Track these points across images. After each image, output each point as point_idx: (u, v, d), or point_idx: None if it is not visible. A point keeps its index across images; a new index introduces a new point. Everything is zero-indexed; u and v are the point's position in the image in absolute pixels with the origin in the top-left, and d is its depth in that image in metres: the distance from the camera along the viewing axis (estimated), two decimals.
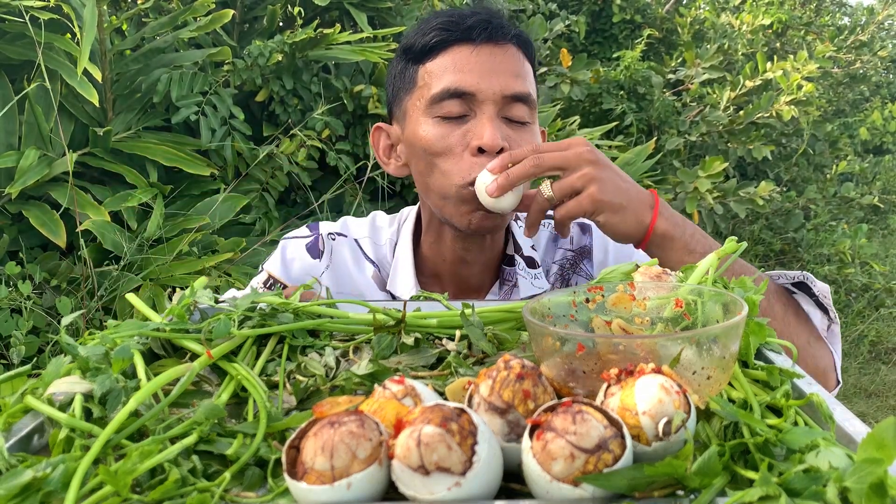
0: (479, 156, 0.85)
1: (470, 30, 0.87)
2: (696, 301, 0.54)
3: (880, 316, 4.01)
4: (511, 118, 0.88)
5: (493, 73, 0.87)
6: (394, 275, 1.00)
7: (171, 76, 2.27)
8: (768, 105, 3.62)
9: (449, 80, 0.87)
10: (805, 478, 0.36)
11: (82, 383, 0.47)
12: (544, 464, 0.36)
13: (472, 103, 0.87)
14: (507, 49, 0.89)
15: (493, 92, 0.86)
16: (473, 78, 0.86)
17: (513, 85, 0.87)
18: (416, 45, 0.91)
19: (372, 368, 0.53)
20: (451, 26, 0.88)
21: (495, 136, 0.84)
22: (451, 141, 0.87)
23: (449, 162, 0.87)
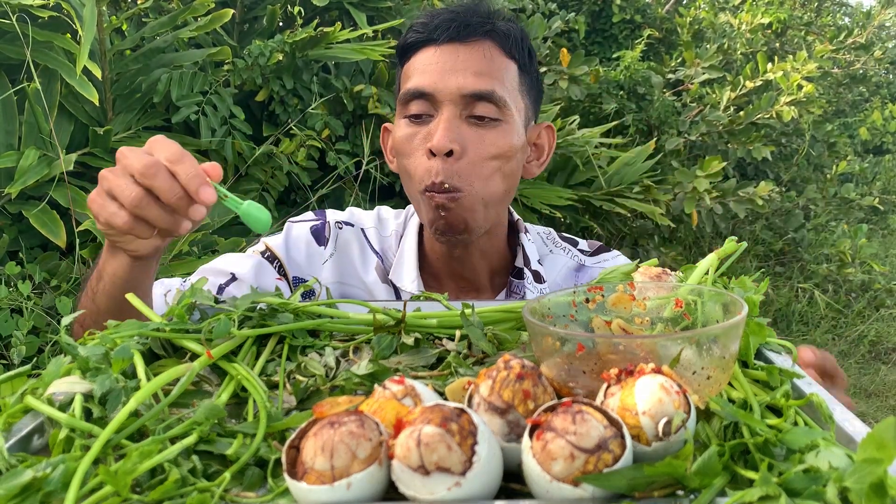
0: (432, 158, 0.86)
1: (434, 29, 0.88)
2: (695, 301, 0.54)
3: (880, 316, 4.01)
4: (477, 116, 0.87)
5: (452, 72, 0.86)
6: (398, 264, 1.00)
7: (171, 76, 2.27)
8: (768, 105, 3.62)
9: (413, 81, 0.88)
10: (805, 478, 0.36)
11: (82, 383, 0.47)
12: (544, 464, 0.36)
13: (434, 103, 0.87)
14: (472, 46, 0.88)
15: (450, 91, 0.86)
16: (432, 78, 0.87)
17: (472, 83, 0.86)
18: (399, 46, 0.93)
19: (372, 368, 0.53)
20: (422, 28, 0.89)
21: (442, 140, 0.84)
22: (414, 143, 0.88)
23: (412, 163, 0.88)
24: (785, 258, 4.44)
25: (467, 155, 0.87)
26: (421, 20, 0.90)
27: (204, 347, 0.54)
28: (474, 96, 0.86)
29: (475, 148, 0.87)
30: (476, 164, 0.87)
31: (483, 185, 0.88)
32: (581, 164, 2.92)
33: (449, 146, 0.84)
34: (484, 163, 0.88)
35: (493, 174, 0.89)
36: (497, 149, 0.88)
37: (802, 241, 4.34)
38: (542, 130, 1.00)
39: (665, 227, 3.28)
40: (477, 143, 0.87)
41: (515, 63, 0.92)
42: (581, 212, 3.03)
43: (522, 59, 0.93)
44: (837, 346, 3.76)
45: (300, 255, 1.00)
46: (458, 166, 0.86)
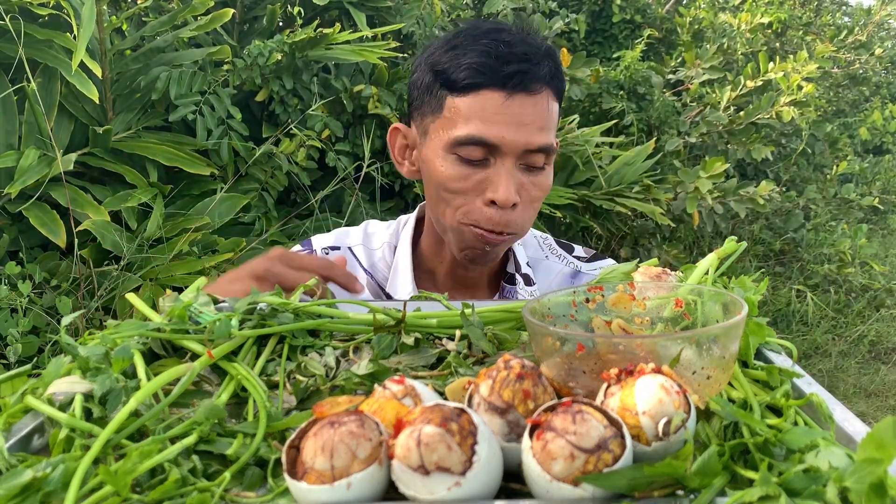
0: (490, 206, 0.87)
1: (506, 78, 0.84)
2: (695, 301, 0.54)
3: (880, 316, 4.01)
4: (530, 165, 0.89)
5: (521, 126, 0.85)
6: (394, 276, 1.01)
7: (171, 75, 2.27)
8: (768, 106, 3.62)
9: (475, 127, 0.85)
10: (805, 478, 0.36)
11: (82, 383, 0.47)
12: (544, 464, 0.36)
13: (495, 153, 0.86)
14: (538, 99, 0.86)
15: (517, 146, 0.85)
16: (500, 130, 0.84)
17: (537, 139, 0.86)
18: (448, 73, 0.86)
19: (372, 368, 0.53)
20: (487, 70, 0.84)
21: (509, 193, 0.85)
22: (467, 185, 0.87)
23: (460, 201, 0.88)
24: (785, 258, 4.44)
25: (522, 202, 0.89)
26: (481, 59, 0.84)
27: (204, 347, 0.54)
28: (536, 150, 0.87)
29: (528, 193, 0.90)
30: (527, 208, 0.91)
31: (530, 222, 0.93)
32: (581, 164, 2.92)
33: (514, 201, 0.86)
34: (532, 205, 0.92)
35: (536, 212, 0.94)
36: (542, 192, 0.92)
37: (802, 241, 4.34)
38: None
39: (665, 227, 3.28)
40: (530, 188, 0.90)
41: (559, 103, 0.92)
42: (581, 211, 3.03)
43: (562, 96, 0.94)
44: (837, 346, 3.76)
45: None
46: (515, 214, 0.89)
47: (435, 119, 0.90)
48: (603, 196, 2.93)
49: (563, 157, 2.97)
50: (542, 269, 1.05)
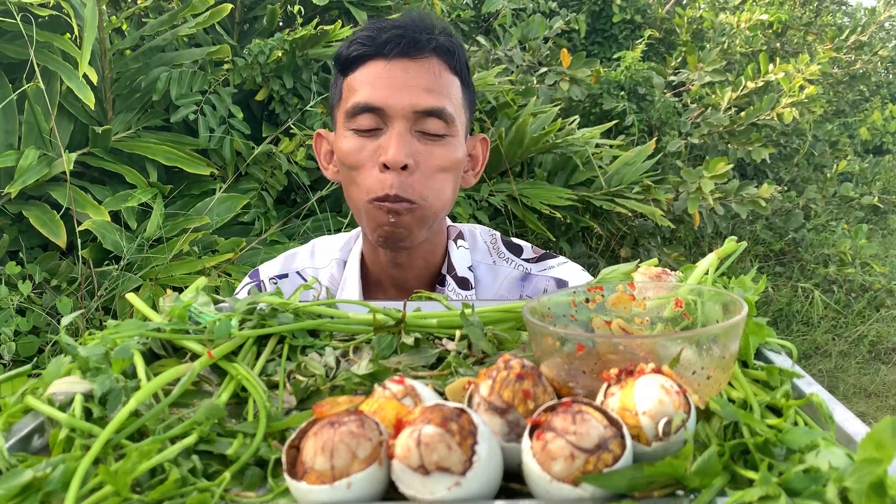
0: (385, 171, 0.87)
1: (384, 44, 0.88)
2: (695, 301, 0.54)
3: (881, 316, 4.01)
4: (426, 132, 0.89)
5: (404, 88, 0.87)
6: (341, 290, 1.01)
7: (171, 75, 2.27)
8: (769, 107, 3.62)
9: (362, 94, 0.88)
10: (805, 478, 0.36)
11: (82, 383, 0.47)
12: (544, 464, 0.36)
13: (384, 118, 0.88)
14: (421, 63, 0.89)
15: (402, 107, 0.87)
16: (383, 93, 0.87)
17: (424, 100, 0.87)
18: (341, 57, 0.93)
19: (372, 368, 0.53)
20: (369, 41, 0.89)
21: (398, 154, 0.85)
22: (363, 156, 0.88)
23: (361, 175, 0.89)
24: (785, 258, 4.44)
25: (419, 169, 0.88)
26: (365, 33, 0.90)
27: (204, 347, 0.54)
28: (426, 113, 0.88)
29: (426, 161, 0.89)
30: (428, 178, 0.89)
31: (436, 197, 0.90)
32: (581, 164, 2.92)
33: (404, 161, 0.86)
34: (435, 175, 0.90)
35: (443, 186, 0.91)
36: (446, 162, 0.90)
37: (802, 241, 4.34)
38: (478, 142, 1.02)
39: (665, 228, 3.28)
40: (427, 157, 0.89)
41: (459, 79, 0.94)
42: (581, 212, 3.03)
43: (464, 75, 0.95)
44: (837, 346, 3.76)
45: None
46: (412, 180, 0.87)
47: (339, 105, 0.94)
48: (603, 196, 2.93)
49: (563, 158, 2.97)
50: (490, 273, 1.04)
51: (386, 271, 1.00)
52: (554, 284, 1.03)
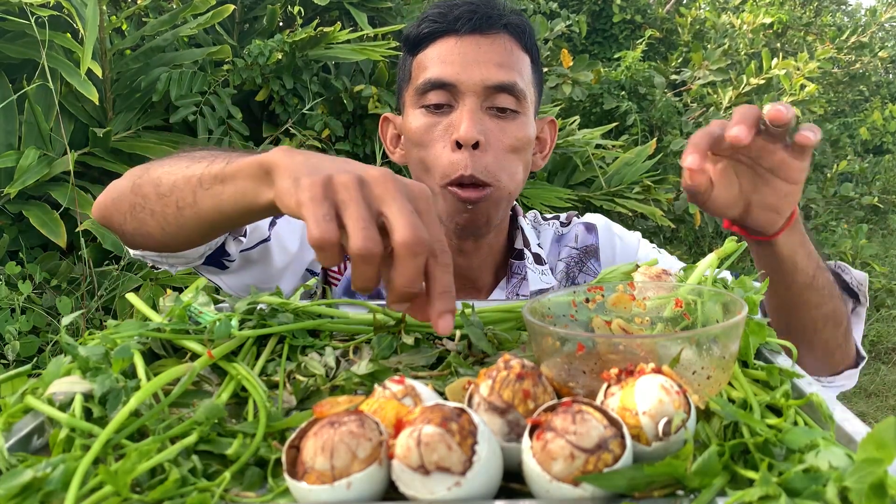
0: (457, 151, 0.85)
1: (455, 20, 0.88)
2: (695, 301, 0.54)
3: (880, 316, 4.01)
4: (497, 107, 0.87)
5: (475, 63, 0.86)
6: None
7: (171, 75, 2.27)
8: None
9: (433, 71, 0.88)
10: (805, 478, 0.36)
11: (82, 383, 0.47)
12: (544, 463, 0.36)
13: (455, 94, 0.87)
14: (493, 38, 0.88)
15: (474, 83, 0.86)
16: (455, 69, 0.86)
17: (495, 75, 0.86)
18: (410, 36, 0.92)
19: (372, 368, 0.53)
20: (440, 17, 0.89)
21: (470, 130, 0.84)
22: (435, 134, 0.87)
23: (432, 155, 0.87)
24: None
25: (491, 147, 0.86)
26: (437, 10, 0.90)
27: (204, 347, 0.54)
28: (497, 88, 0.86)
29: (497, 140, 0.87)
30: (500, 158, 0.87)
31: (509, 178, 0.88)
32: (581, 164, 2.92)
33: (476, 137, 0.84)
34: (507, 155, 0.88)
35: (516, 167, 0.89)
36: (517, 140, 0.88)
37: None
38: (546, 125, 1.01)
39: (666, 227, 3.28)
40: (499, 134, 0.87)
41: (529, 56, 0.93)
42: (581, 212, 3.03)
43: (534, 53, 0.94)
44: None
45: None
46: (486, 160, 0.85)
47: (408, 86, 0.93)
48: (603, 196, 2.93)
49: (563, 158, 2.97)
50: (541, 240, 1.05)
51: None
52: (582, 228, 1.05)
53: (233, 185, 0.59)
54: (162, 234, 0.70)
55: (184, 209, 0.65)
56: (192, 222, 0.66)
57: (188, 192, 0.64)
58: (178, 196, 0.65)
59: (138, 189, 0.70)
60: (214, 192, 0.61)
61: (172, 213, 0.67)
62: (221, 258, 0.86)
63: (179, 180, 0.65)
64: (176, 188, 0.65)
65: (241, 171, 0.58)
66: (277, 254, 0.92)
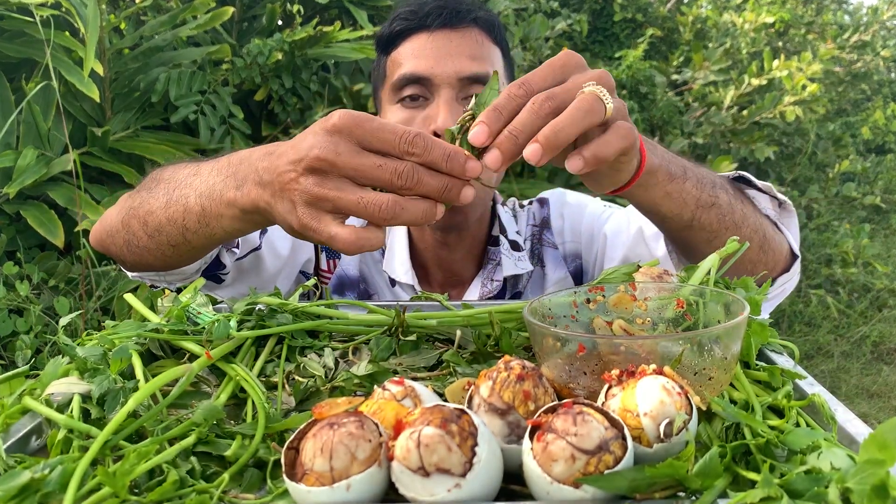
0: None
1: (426, 16, 0.90)
2: (697, 301, 0.54)
3: (883, 317, 4.01)
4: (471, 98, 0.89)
5: (448, 56, 0.89)
6: (389, 254, 1.01)
7: (170, 75, 2.26)
8: (772, 106, 3.61)
9: (407, 66, 0.89)
10: (807, 479, 0.35)
11: (80, 384, 0.47)
12: (545, 465, 0.36)
13: (430, 88, 0.89)
14: (463, 32, 0.90)
15: (448, 75, 0.88)
16: (429, 63, 0.88)
17: (468, 66, 0.88)
18: (383, 36, 0.95)
19: (371, 369, 0.53)
20: (410, 15, 0.91)
21: (447, 121, 0.85)
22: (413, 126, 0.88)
23: None
24: None
25: None
26: (407, 8, 0.92)
27: (203, 348, 0.53)
28: (471, 79, 0.88)
29: None
30: None
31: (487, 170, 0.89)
32: None
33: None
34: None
35: None
36: None
37: (805, 241, 4.34)
38: None
39: None
40: None
41: (500, 49, 0.95)
42: None
43: (504, 46, 0.96)
44: (840, 346, 3.76)
45: None
46: None
47: (383, 85, 0.95)
48: (604, 196, 2.93)
49: None
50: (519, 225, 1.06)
51: (432, 251, 1.00)
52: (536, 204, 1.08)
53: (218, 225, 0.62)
54: (162, 263, 0.76)
55: (178, 247, 0.70)
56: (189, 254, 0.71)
57: (176, 234, 0.67)
58: (167, 235, 0.69)
59: (128, 226, 0.74)
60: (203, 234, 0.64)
61: (167, 250, 0.71)
62: (217, 271, 0.87)
63: (164, 223, 0.68)
64: (163, 229, 0.69)
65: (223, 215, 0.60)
66: (269, 260, 0.94)
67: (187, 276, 0.83)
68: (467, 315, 0.61)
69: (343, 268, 1.02)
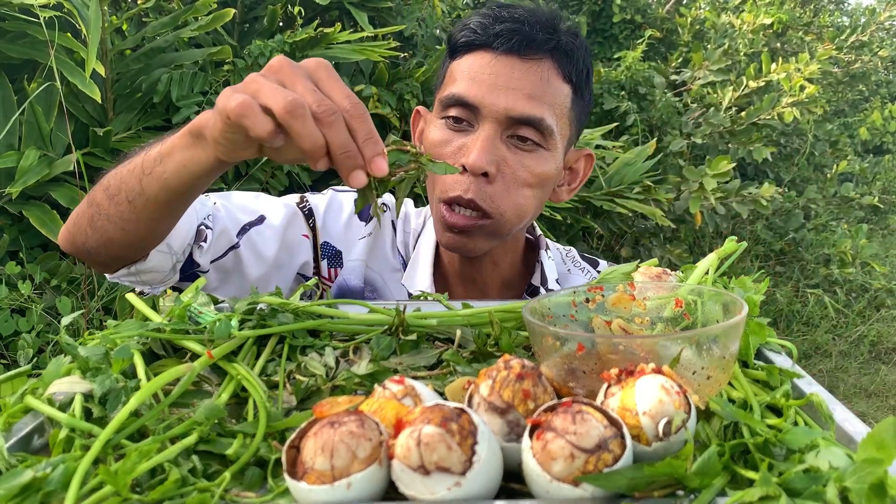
0: (464, 174, 0.81)
1: (495, 36, 0.81)
2: (695, 301, 0.54)
3: (881, 316, 4.01)
4: (516, 138, 0.82)
5: (504, 89, 0.80)
6: (412, 268, 0.96)
7: (172, 76, 2.27)
8: (770, 107, 3.62)
9: (459, 86, 0.82)
10: (805, 478, 0.36)
11: (82, 383, 0.47)
12: (544, 464, 0.36)
13: (477, 116, 0.82)
14: (531, 65, 0.81)
15: (497, 110, 0.80)
16: (482, 90, 0.81)
17: (522, 106, 0.80)
18: (451, 40, 0.87)
19: (372, 368, 0.53)
20: (480, 28, 0.83)
21: (479, 159, 0.79)
22: (447, 151, 0.83)
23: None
24: (785, 258, 4.44)
25: (502, 178, 0.82)
26: (479, 19, 0.84)
27: (204, 347, 0.54)
28: (520, 120, 0.81)
29: (511, 171, 0.82)
30: (509, 190, 0.82)
31: (514, 212, 0.83)
32: None
33: (485, 168, 0.79)
34: (519, 189, 0.83)
35: (525, 203, 0.84)
36: (533, 177, 0.83)
37: (803, 241, 4.34)
38: (582, 157, 0.94)
39: (666, 228, 3.28)
40: (514, 166, 0.82)
41: (571, 87, 0.85)
42: (582, 212, 3.03)
43: (579, 82, 0.86)
44: (838, 346, 3.76)
45: (338, 223, 0.97)
46: (491, 189, 0.81)
47: (439, 91, 0.89)
48: (603, 197, 2.93)
49: None
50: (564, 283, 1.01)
51: (455, 266, 0.95)
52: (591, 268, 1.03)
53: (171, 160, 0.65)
54: (122, 234, 0.73)
55: (134, 201, 0.69)
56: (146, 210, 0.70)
57: (134, 184, 0.68)
58: (126, 190, 0.69)
59: (92, 200, 0.74)
60: (156, 173, 0.66)
61: (126, 209, 0.70)
62: (192, 269, 0.84)
63: (125, 175, 0.70)
64: (123, 184, 0.70)
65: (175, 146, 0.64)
66: (251, 261, 0.90)
67: (164, 276, 0.81)
68: (467, 314, 0.61)
69: (344, 277, 0.97)
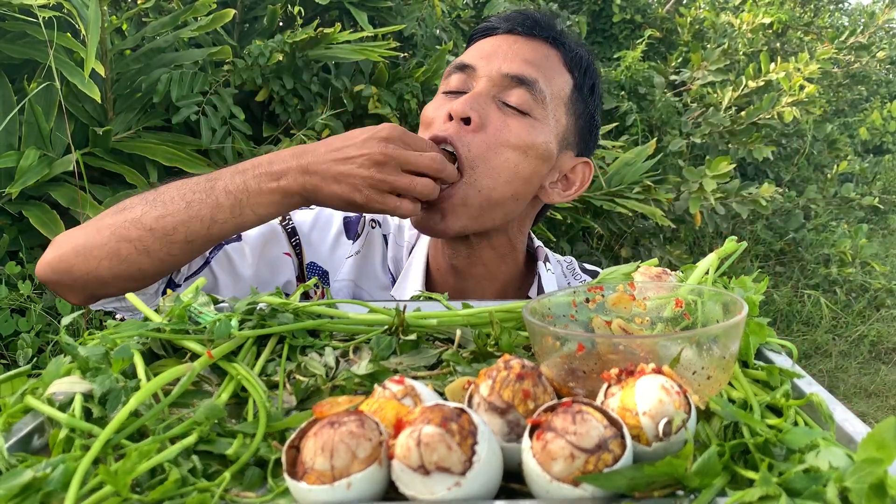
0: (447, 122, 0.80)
1: (506, 20, 0.87)
2: (695, 301, 0.54)
3: (881, 316, 4.01)
4: (508, 103, 0.80)
5: (503, 55, 0.82)
6: (403, 279, 0.94)
7: (171, 76, 2.27)
8: (769, 106, 3.62)
9: (461, 57, 0.86)
10: (805, 478, 0.36)
11: (82, 383, 0.47)
12: (544, 464, 0.36)
13: (472, 77, 0.83)
14: (533, 42, 0.84)
15: (492, 68, 0.81)
16: (481, 55, 0.84)
17: (517, 67, 0.80)
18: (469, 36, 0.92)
19: (372, 369, 0.53)
20: (496, 20, 0.88)
21: (463, 104, 0.78)
22: (439, 112, 0.82)
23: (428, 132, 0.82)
24: (785, 258, 4.44)
25: (485, 132, 0.79)
26: (498, 14, 0.90)
27: (204, 347, 0.54)
28: (514, 79, 0.80)
29: (495, 128, 0.79)
30: (490, 147, 0.78)
31: (488, 175, 0.79)
32: None
33: (467, 113, 0.78)
34: (500, 149, 0.79)
35: (504, 168, 0.79)
36: (517, 139, 0.79)
37: (803, 242, 4.34)
38: (579, 164, 0.90)
39: (666, 228, 3.28)
40: (499, 124, 0.79)
41: (573, 78, 0.86)
42: (581, 212, 3.03)
43: (581, 81, 0.87)
44: (838, 346, 3.76)
45: (324, 241, 0.93)
46: (471, 138, 0.78)
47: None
48: (603, 197, 2.93)
49: None
50: None
51: (446, 279, 0.92)
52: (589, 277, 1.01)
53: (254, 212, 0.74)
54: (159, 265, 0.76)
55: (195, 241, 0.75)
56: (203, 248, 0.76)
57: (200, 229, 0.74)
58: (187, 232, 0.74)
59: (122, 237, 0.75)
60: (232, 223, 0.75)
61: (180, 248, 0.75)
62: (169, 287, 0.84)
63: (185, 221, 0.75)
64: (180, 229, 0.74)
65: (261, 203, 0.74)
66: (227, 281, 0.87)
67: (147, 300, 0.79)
68: (467, 314, 0.61)
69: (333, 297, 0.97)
